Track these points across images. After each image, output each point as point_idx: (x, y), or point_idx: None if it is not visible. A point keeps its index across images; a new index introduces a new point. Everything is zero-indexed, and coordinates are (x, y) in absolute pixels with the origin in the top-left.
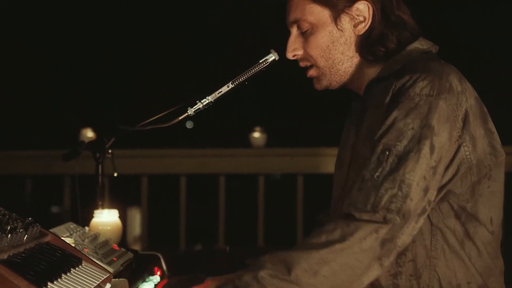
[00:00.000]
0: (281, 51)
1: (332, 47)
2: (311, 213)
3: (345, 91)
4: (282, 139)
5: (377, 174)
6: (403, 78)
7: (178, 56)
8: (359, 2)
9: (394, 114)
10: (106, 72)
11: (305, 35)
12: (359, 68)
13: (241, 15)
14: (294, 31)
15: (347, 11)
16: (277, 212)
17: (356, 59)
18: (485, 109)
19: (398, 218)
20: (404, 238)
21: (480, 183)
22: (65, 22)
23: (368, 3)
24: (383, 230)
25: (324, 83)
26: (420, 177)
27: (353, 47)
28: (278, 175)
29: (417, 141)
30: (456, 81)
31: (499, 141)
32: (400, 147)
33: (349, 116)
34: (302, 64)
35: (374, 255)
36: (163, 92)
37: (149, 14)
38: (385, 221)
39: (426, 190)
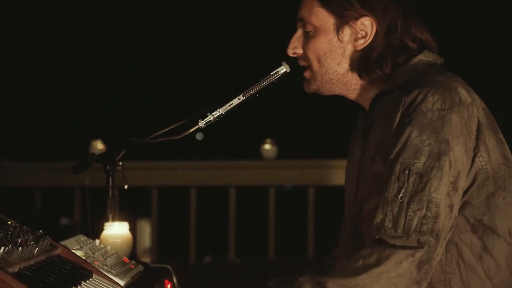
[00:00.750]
0: (292, 63)
1: (329, 55)
2: (323, 225)
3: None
4: (293, 151)
5: (401, 195)
6: (412, 93)
7: (178, 56)
8: (365, 18)
9: (408, 131)
10: (108, 74)
11: (307, 36)
12: (357, 83)
13: (241, 15)
14: (300, 28)
15: (351, 23)
16: (288, 224)
17: (351, 73)
18: (494, 119)
19: (432, 239)
20: (438, 258)
21: (495, 195)
22: (65, 26)
23: (373, 21)
24: (419, 254)
25: (313, 87)
26: (445, 195)
27: (349, 61)
28: (290, 186)
29: (437, 157)
30: (464, 92)
31: (510, 151)
32: (419, 164)
33: (355, 130)
34: (300, 63)
35: (411, 279)
36: (164, 93)
37: (149, 14)
38: (419, 244)
39: (451, 207)
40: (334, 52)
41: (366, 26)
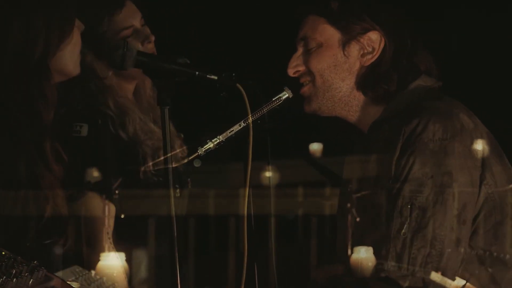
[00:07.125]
0: (294, 88)
1: (333, 70)
2: (324, 254)
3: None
4: (295, 178)
5: (404, 231)
6: (411, 122)
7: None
8: (372, 32)
9: (410, 163)
10: None
11: (309, 52)
12: (359, 103)
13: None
14: (300, 48)
15: (359, 38)
16: (289, 254)
17: (356, 92)
18: (497, 143)
19: (437, 278)
20: None
21: (503, 223)
22: None
23: (381, 35)
24: None
25: (314, 105)
26: (449, 230)
27: (354, 77)
28: (291, 216)
29: (440, 191)
30: (466, 118)
31: None
32: (422, 198)
33: (349, 156)
34: (302, 79)
35: None
36: None
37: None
38: (425, 285)
39: (458, 241)
40: (339, 68)
41: (374, 41)
